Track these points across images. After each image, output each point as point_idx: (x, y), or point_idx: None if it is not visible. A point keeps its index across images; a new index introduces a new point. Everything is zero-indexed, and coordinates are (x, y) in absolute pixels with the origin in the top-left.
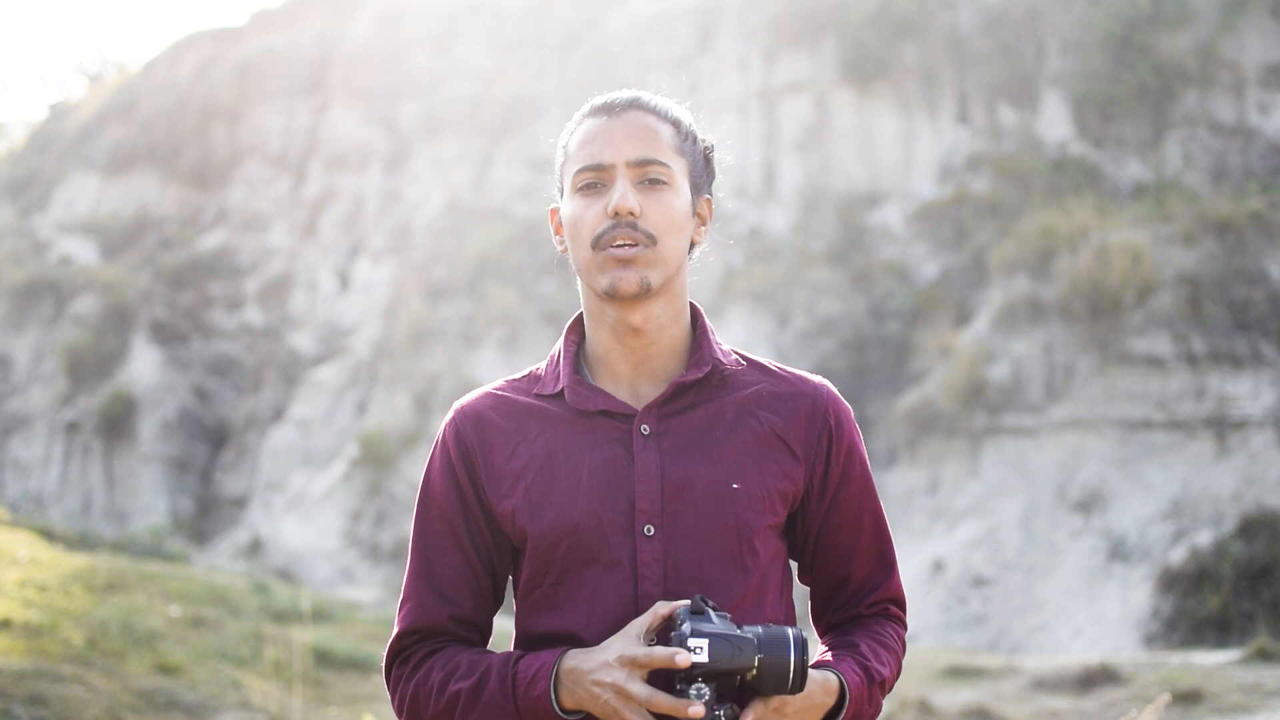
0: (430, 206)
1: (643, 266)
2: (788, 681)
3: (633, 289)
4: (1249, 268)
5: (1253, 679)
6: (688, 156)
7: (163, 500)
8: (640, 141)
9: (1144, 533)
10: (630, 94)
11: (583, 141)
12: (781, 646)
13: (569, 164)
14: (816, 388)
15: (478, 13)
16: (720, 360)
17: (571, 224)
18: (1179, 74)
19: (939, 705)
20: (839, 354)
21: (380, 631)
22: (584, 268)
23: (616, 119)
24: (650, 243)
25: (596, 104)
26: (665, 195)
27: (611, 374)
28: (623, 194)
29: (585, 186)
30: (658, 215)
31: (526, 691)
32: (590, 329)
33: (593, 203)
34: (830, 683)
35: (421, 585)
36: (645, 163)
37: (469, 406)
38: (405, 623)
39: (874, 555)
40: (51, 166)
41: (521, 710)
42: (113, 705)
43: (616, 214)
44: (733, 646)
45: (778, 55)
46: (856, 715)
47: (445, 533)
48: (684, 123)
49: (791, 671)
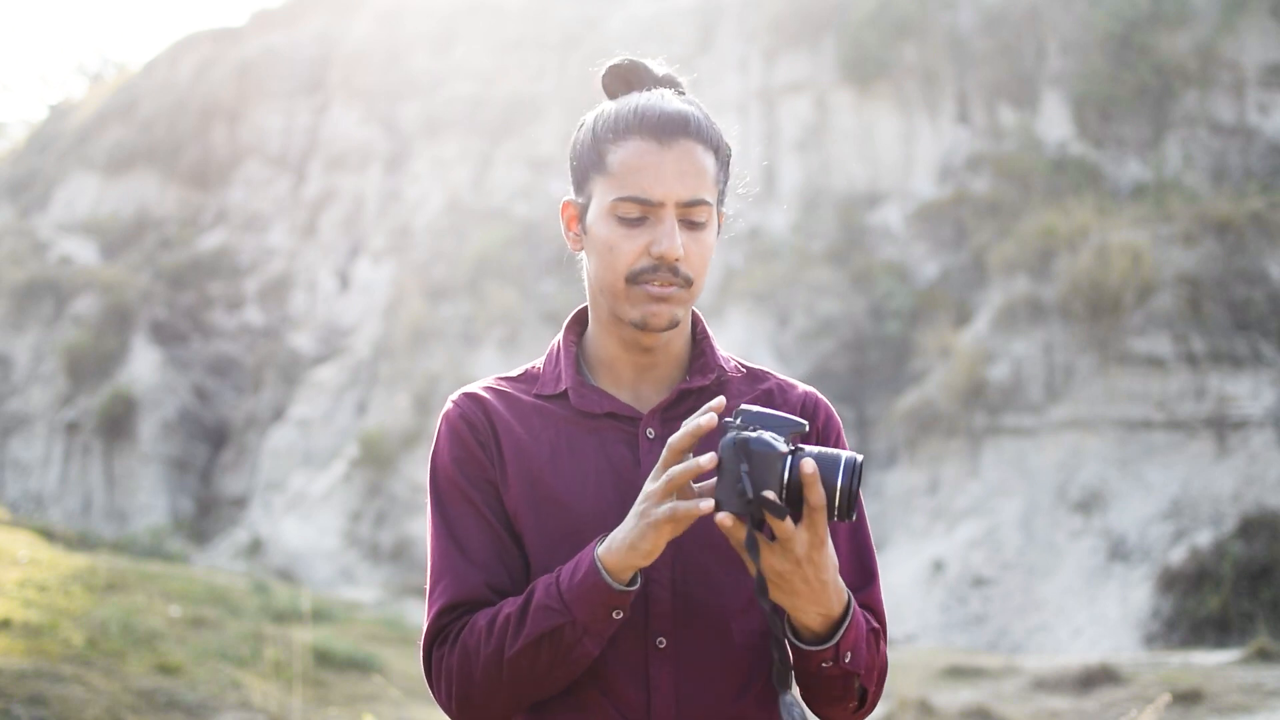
0: (430, 206)
1: (676, 305)
2: (833, 503)
3: (664, 325)
4: (1249, 268)
5: (1253, 679)
6: (722, 183)
7: (163, 500)
8: (692, 180)
9: (1144, 533)
10: (680, 114)
11: (629, 166)
12: (832, 464)
13: (607, 179)
14: (807, 393)
15: (478, 13)
16: (723, 367)
17: (605, 248)
18: (1179, 74)
19: (939, 705)
20: (839, 354)
21: (380, 631)
22: (611, 294)
23: (669, 148)
24: (687, 285)
25: (648, 120)
26: (705, 235)
27: (614, 377)
28: (672, 241)
29: (628, 216)
30: (697, 257)
31: (571, 580)
32: (595, 333)
33: (633, 235)
34: (842, 591)
35: (453, 560)
36: (694, 204)
37: (472, 393)
38: (442, 600)
39: (854, 562)
40: (51, 166)
41: (570, 604)
42: (113, 705)
43: (662, 259)
44: (765, 448)
45: (778, 55)
46: (855, 647)
47: (466, 507)
48: (723, 145)
49: (838, 493)
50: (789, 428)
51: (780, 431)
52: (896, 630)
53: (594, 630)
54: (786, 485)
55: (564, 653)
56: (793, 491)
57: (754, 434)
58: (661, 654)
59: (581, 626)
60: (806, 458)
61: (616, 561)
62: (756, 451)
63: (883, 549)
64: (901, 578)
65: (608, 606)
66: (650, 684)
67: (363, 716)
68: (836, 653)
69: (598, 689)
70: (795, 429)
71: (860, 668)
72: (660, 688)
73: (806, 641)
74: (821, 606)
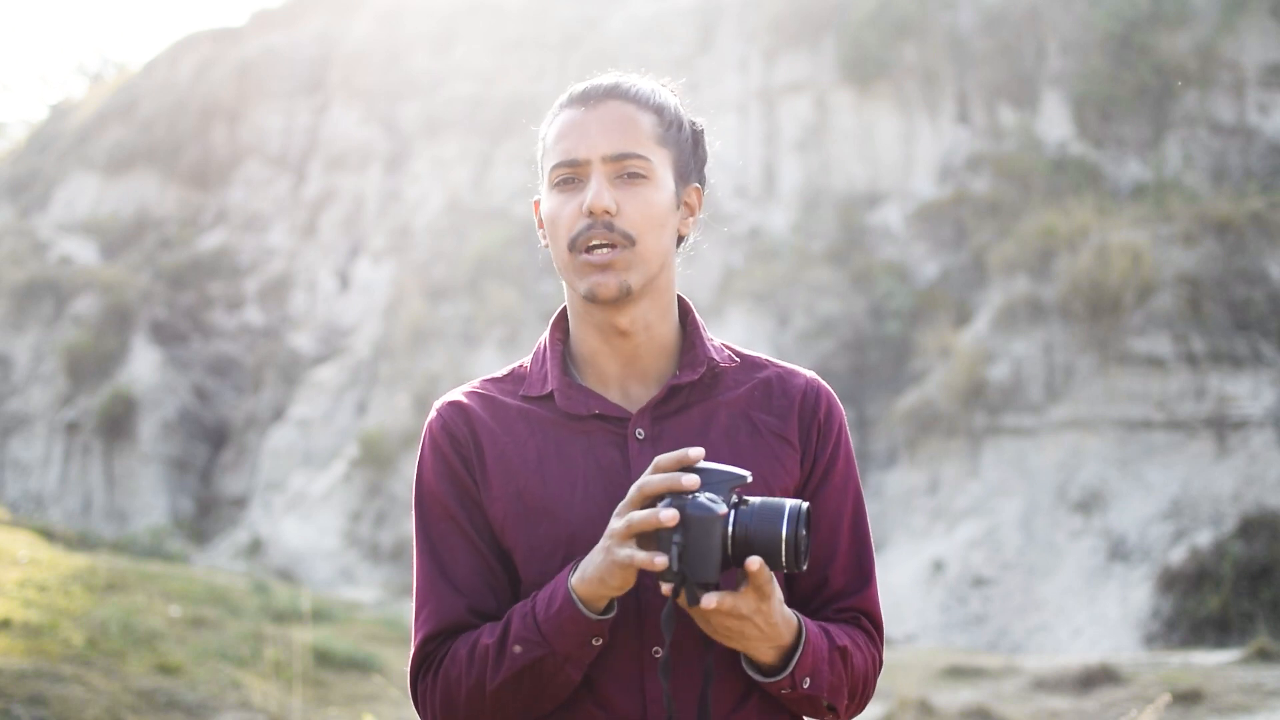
0: (430, 206)
1: (621, 270)
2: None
3: (611, 294)
4: (1249, 268)
5: (1253, 679)
6: (672, 146)
7: (163, 500)
8: (617, 134)
9: (1144, 533)
10: (610, 80)
11: (559, 134)
12: (774, 515)
13: (546, 157)
14: (809, 381)
15: (478, 13)
16: (714, 359)
17: (549, 222)
18: (1179, 74)
19: (939, 705)
20: (839, 354)
21: (380, 631)
22: (562, 269)
23: (593, 109)
24: (628, 243)
25: (575, 93)
26: (644, 190)
27: (600, 375)
28: (597, 192)
29: (561, 182)
30: (635, 212)
31: (548, 612)
32: (575, 328)
33: (568, 200)
34: (790, 620)
35: (437, 585)
36: (622, 157)
37: (455, 402)
38: (426, 628)
39: (851, 561)
40: (51, 166)
41: (548, 635)
42: (113, 705)
43: (591, 213)
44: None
45: (778, 55)
46: (815, 672)
47: (450, 527)
48: (668, 108)
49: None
50: (729, 482)
51: (718, 490)
52: (896, 630)
53: (575, 659)
54: (733, 540)
55: (546, 682)
56: (739, 547)
57: (690, 499)
58: (657, 665)
59: (562, 657)
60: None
61: (589, 593)
62: (694, 517)
63: (883, 549)
64: (901, 578)
65: (586, 636)
66: (646, 695)
67: (363, 716)
68: (793, 681)
69: (593, 700)
70: (735, 482)
71: (823, 690)
72: (656, 700)
73: (763, 674)
74: (772, 643)
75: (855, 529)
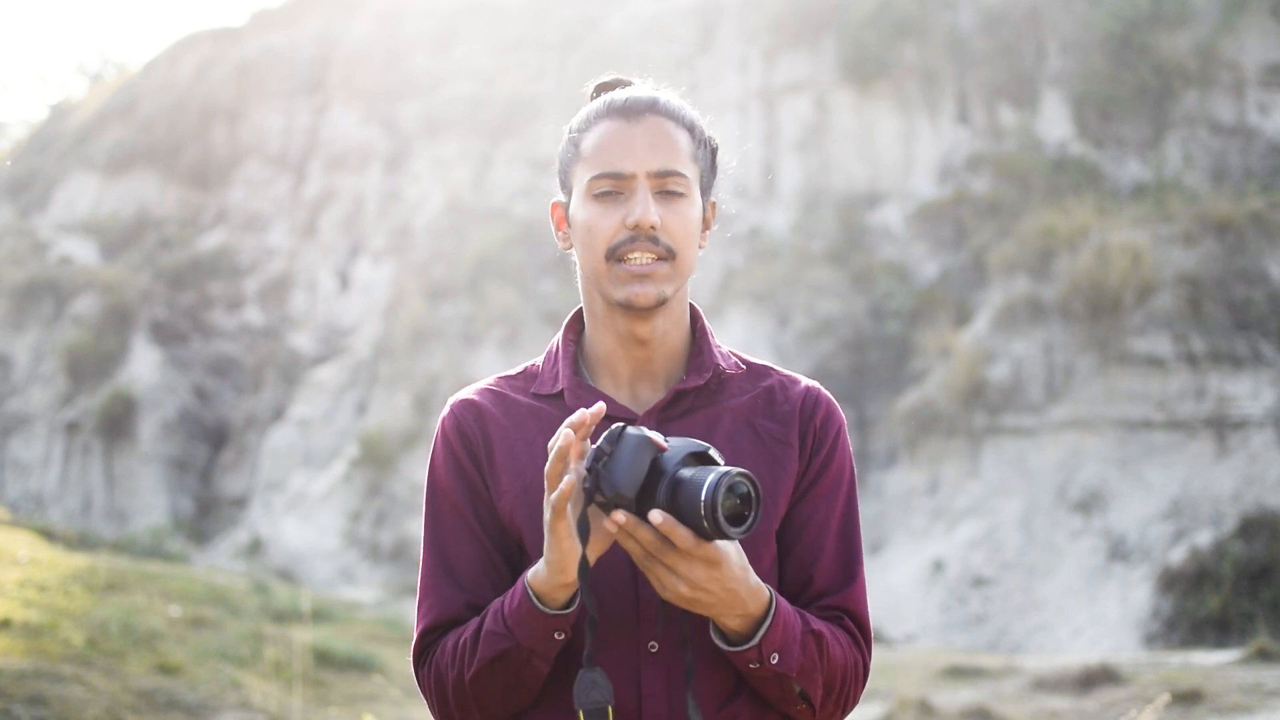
0: (430, 206)
1: (661, 281)
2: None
3: (650, 302)
4: (1249, 268)
5: (1253, 679)
6: (700, 163)
7: (163, 500)
8: (662, 151)
9: (1144, 533)
10: (648, 95)
11: (600, 145)
12: (703, 477)
13: (582, 165)
14: (809, 388)
15: (478, 13)
16: (720, 365)
17: (584, 231)
18: (1179, 74)
19: (939, 705)
20: (839, 354)
21: (380, 631)
22: (596, 276)
23: (637, 124)
24: (670, 256)
25: (615, 103)
26: (683, 206)
27: (612, 376)
28: (645, 207)
29: (602, 194)
30: (677, 228)
31: (510, 606)
32: (591, 330)
33: (609, 211)
34: (760, 592)
35: (439, 579)
36: (666, 174)
37: (467, 400)
38: (426, 620)
39: (836, 562)
40: (51, 166)
41: (513, 629)
42: (113, 705)
43: (638, 227)
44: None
45: (778, 55)
46: (784, 649)
47: (457, 522)
48: (698, 126)
49: (702, 504)
50: (690, 448)
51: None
52: (896, 630)
53: (540, 651)
54: (646, 486)
55: (515, 673)
56: (666, 505)
57: (636, 430)
58: (654, 658)
59: (527, 650)
60: (657, 510)
61: (544, 587)
62: (629, 436)
63: (883, 549)
64: (901, 578)
65: (546, 630)
66: (642, 688)
67: (363, 716)
68: (760, 654)
69: None
70: (694, 449)
71: (791, 669)
72: (653, 692)
73: (732, 644)
74: (734, 610)
75: (843, 532)
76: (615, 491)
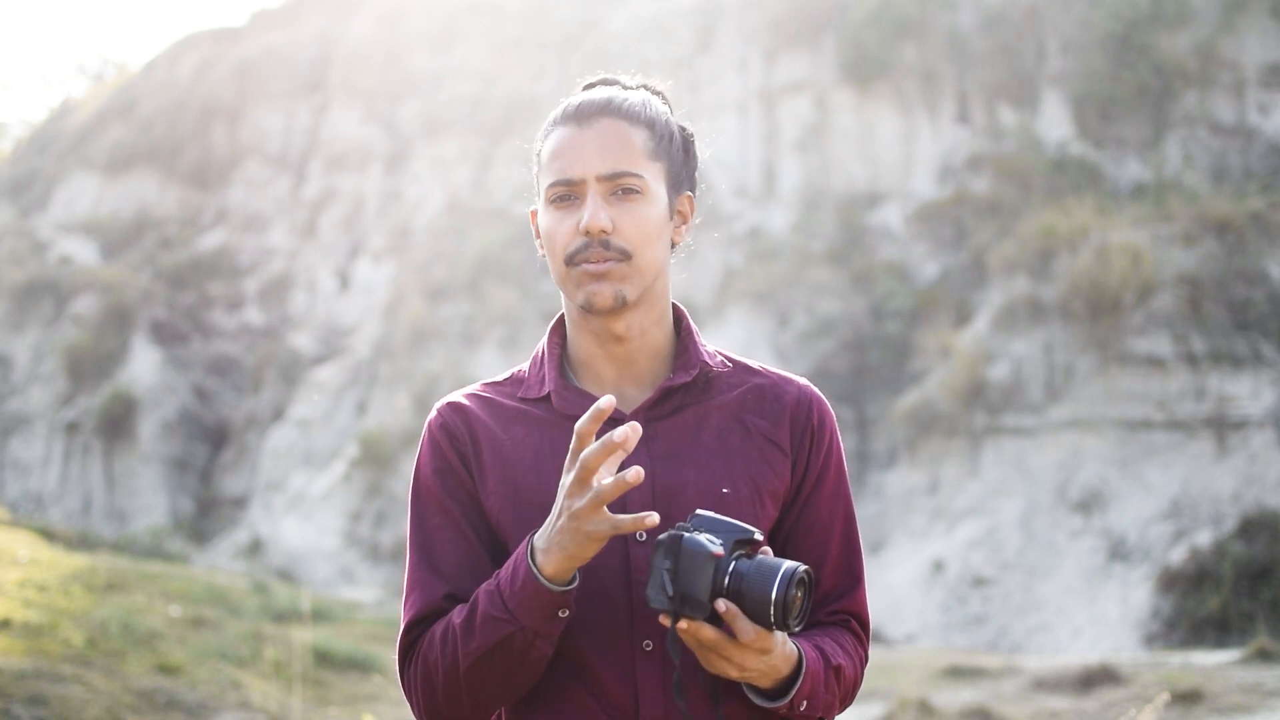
0: (430, 206)
1: (617, 281)
2: (768, 614)
3: (607, 303)
4: (1249, 268)
5: (1253, 679)
6: (664, 158)
7: (163, 500)
8: (612, 154)
9: (1144, 533)
10: (603, 96)
11: (554, 152)
12: (770, 573)
13: (543, 173)
14: (801, 387)
15: (478, 13)
16: (706, 363)
17: (546, 238)
18: (1179, 74)
19: (939, 705)
20: (839, 354)
21: (380, 631)
22: (560, 281)
23: (587, 128)
24: (624, 258)
25: (569, 109)
26: (638, 206)
27: (596, 378)
28: (593, 213)
29: (558, 199)
30: (631, 229)
31: (512, 588)
32: (572, 333)
33: (565, 217)
34: (792, 655)
35: (424, 574)
36: (616, 176)
37: (454, 402)
38: (410, 614)
39: (841, 564)
40: (51, 166)
41: (515, 611)
42: (113, 705)
43: (588, 233)
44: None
45: (778, 55)
46: (812, 695)
47: (443, 520)
48: (660, 120)
49: (771, 606)
50: (735, 534)
51: (721, 535)
52: (896, 630)
53: (544, 632)
54: (715, 588)
55: (518, 658)
56: (731, 598)
57: (689, 534)
58: (649, 656)
59: (531, 632)
60: (722, 599)
61: (555, 567)
62: (687, 549)
63: (883, 549)
64: (901, 578)
65: (552, 608)
66: (638, 686)
67: (363, 716)
68: (791, 706)
69: (585, 690)
70: (740, 535)
71: (818, 710)
72: (648, 690)
73: (763, 697)
74: (773, 677)
75: (846, 534)
76: (692, 600)
